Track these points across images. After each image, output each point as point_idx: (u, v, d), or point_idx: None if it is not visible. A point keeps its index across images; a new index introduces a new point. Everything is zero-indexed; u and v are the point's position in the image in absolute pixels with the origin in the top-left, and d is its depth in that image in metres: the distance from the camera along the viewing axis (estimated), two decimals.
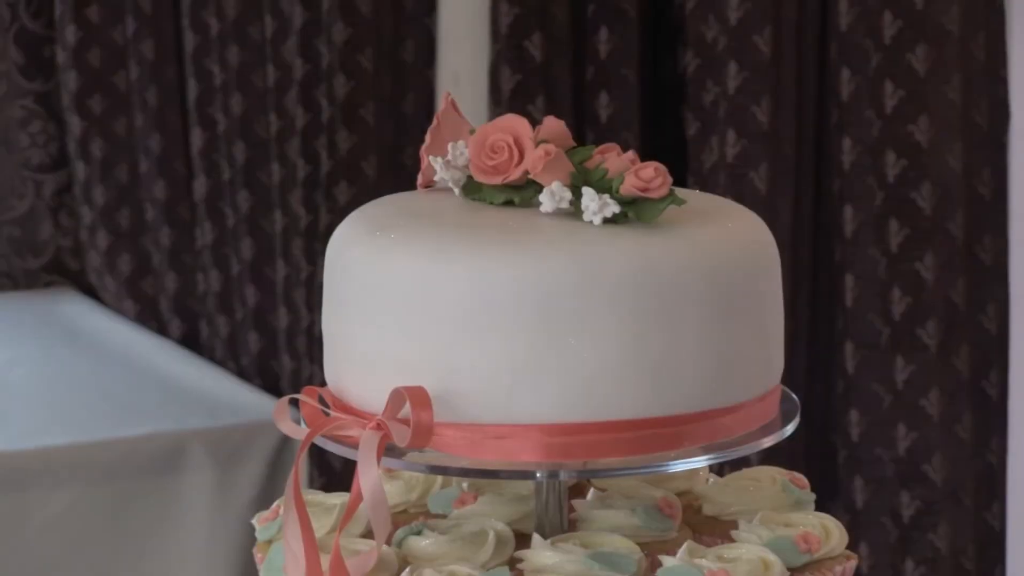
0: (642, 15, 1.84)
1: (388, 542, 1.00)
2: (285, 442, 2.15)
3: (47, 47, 2.68)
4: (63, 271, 2.75)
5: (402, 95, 2.17)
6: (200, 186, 2.60)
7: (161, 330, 2.65)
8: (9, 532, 2.21)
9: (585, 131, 1.89)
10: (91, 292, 2.81)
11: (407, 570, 0.99)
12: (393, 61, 2.18)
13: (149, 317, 2.69)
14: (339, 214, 1.89)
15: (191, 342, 2.58)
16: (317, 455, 0.95)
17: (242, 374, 2.46)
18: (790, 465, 1.13)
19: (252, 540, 1.13)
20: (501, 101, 1.92)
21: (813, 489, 1.11)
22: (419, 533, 1.03)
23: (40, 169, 2.68)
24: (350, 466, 0.97)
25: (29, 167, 2.70)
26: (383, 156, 2.18)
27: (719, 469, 1.11)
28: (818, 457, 1.82)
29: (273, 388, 2.32)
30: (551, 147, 0.96)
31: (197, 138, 2.61)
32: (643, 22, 1.85)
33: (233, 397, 2.37)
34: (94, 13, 2.66)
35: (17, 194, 2.73)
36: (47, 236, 2.73)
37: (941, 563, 1.79)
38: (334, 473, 1.88)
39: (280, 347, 2.39)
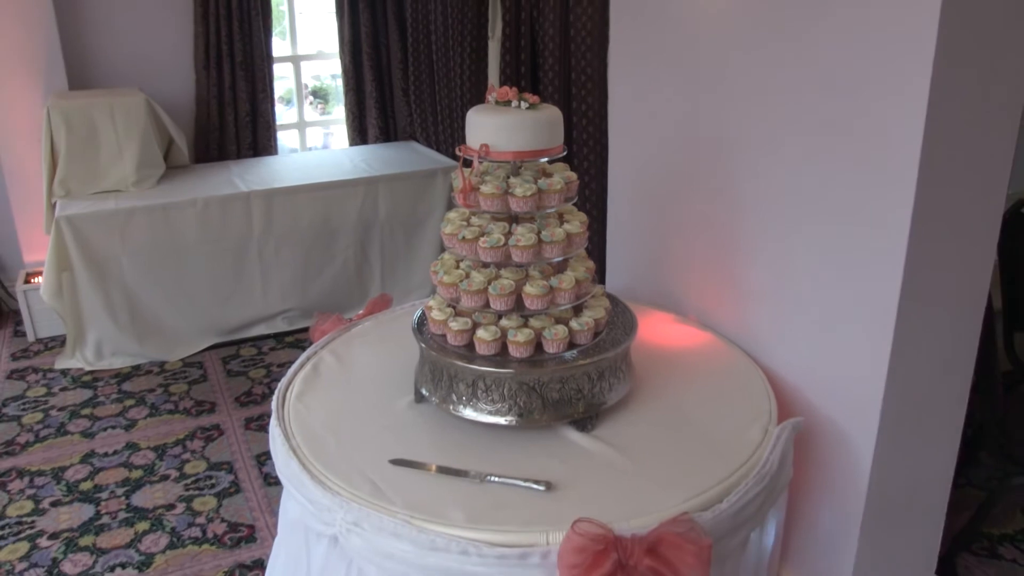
0: (529, 60, 3.91)
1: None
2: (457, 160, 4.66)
3: (405, 60, 5.69)
4: (409, 134, 6.45)
5: (480, 48, 4.48)
6: (435, 93, 5.42)
7: (429, 143, 5.93)
8: (372, 202, 5.51)
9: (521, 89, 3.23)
10: (416, 140, 6.34)
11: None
12: (478, 39, 4.45)
13: (441, 144, 5.50)
14: (462, 84, 4.57)
15: (432, 146, 5.53)
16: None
17: (442, 151, 5.36)
18: (565, 159, 3.25)
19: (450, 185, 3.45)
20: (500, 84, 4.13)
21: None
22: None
23: (404, 94, 5.59)
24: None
25: (403, 99, 5.61)
26: (474, 70, 4.61)
27: (549, 162, 3.09)
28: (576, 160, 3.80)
29: (454, 157, 5.13)
30: (514, 92, 3.02)
31: (432, 66, 5.24)
32: (530, 61, 3.89)
33: (441, 157, 5.28)
34: (419, 44, 5.40)
35: (399, 107, 5.83)
36: (406, 124, 5.74)
37: None
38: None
39: (455, 138, 5.03)
